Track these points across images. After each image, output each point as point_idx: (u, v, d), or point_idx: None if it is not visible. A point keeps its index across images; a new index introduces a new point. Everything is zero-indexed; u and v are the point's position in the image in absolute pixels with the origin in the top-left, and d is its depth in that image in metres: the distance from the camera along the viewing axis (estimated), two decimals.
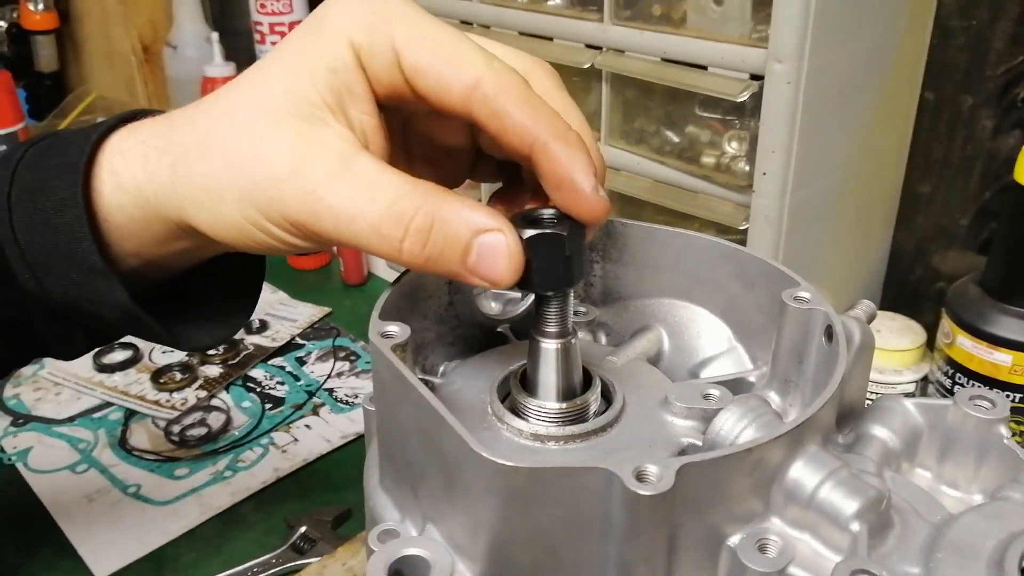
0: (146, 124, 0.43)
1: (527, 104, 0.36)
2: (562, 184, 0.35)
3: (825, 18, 0.66)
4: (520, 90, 0.36)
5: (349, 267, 1.20)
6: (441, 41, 0.36)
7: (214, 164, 0.39)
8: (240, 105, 0.39)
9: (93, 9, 1.65)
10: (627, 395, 0.38)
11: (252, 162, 0.37)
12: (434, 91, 0.36)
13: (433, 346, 0.43)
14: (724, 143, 0.75)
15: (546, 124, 0.35)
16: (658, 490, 0.27)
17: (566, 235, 0.35)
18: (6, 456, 0.88)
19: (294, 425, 0.92)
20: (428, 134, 0.42)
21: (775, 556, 0.29)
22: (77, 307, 0.44)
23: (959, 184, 0.89)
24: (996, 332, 0.70)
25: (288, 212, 0.37)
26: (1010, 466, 0.33)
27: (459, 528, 0.32)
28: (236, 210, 0.38)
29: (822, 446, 0.31)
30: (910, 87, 0.85)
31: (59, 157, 0.43)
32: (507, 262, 0.34)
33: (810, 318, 0.37)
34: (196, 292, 0.49)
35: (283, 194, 0.36)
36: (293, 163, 0.36)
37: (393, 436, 0.35)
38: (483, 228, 0.35)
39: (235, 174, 0.38)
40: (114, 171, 0.42)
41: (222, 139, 0.39)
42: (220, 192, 0.38)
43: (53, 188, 0.42)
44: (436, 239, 0.35)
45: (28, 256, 0.43)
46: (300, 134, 0.37)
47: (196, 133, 0.40)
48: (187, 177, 0.39)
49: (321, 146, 0.36)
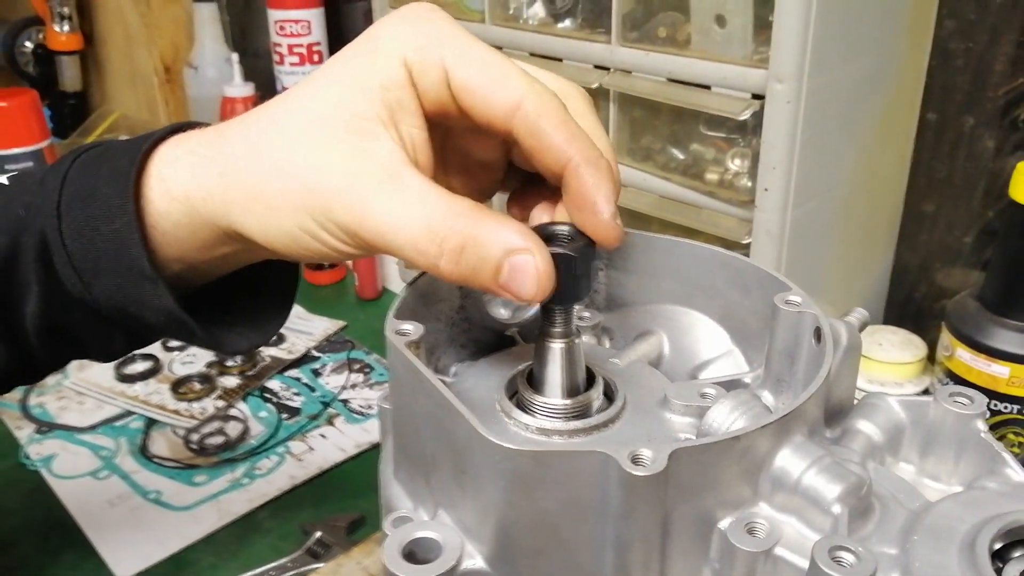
0: (194, 135, 0.45)
1: (564, 127, 0.38)
2: (584, 206, 0.38)
3: (823, 40, 0.68)
4: (558, 113, 0.38)
5: (364, 282, 1.22)
6: (488, 62, 0.39)
7: (266, 173, 0.40)
8: (291, 117, 0.41)
9: (117, 31, 1.69)
10: (628, 394, 0.40)
11: (306, 172, 0.39)
12: (480, 108, 0.39)
13: (445, 348, 0.45)
14: (727, 160, 0.77)
15: (580, 148, 0.38)
16: (651, 471, 0.29)
17: (577, 256, 0.37)
18: (31, 462, 0.91)
19: (310, 435, 0.94)
20: (465, 148, 0.44)
21: (763, 538, 0.31)
22: (122, 311, 0.46)
23: (962, 203, 0.91)
24: (994, 345, 0.72)
25: (341, 221, 0.39)
26: (987, 458, 0.35)
27: (468, 512, 0.34)
28: (289, 218, 0.40)
29: (808, 437, 0.33)
30: (910, 107, 0.87)
31: (109, 165, 0.44)
32: (535, 282, 0.36)
33: (800, 320, 0.39)
34: (234, 299, 0.51)
35: (336, 204, 0.38)
36: (346, 175, 0.38)
37: (407, 428, 0.37)
38: (514, 249, 0.36)
39: (289, 183, 0.40)
40: (163, 179, 0.44)
41: (274, 149, 0.40)
42: (272, 200, 0.40)
43: (103, 195, 0.44)
44: (469, 259, 0.37)
45: (76, 262, 0.45)
46: (352, 147, 0.39)
47: (247, 143, 0.41)
48: (237, 185, 0.41)
49: (372, 159, 0.38)
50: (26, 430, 0.96)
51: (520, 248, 0.36)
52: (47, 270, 0.46)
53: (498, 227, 0.37)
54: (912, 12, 0.80)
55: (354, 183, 0.38)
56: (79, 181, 0.45)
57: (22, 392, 1.03)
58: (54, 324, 0.48)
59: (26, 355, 0.50)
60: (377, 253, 0.42)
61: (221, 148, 0.42)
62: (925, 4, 0.83)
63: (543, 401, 0.39)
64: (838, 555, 0.28)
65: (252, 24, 1.61)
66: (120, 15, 1.65)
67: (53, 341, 0.49)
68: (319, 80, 0.41)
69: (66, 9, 1.69)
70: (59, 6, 1.69)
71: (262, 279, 0.51)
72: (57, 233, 0.45)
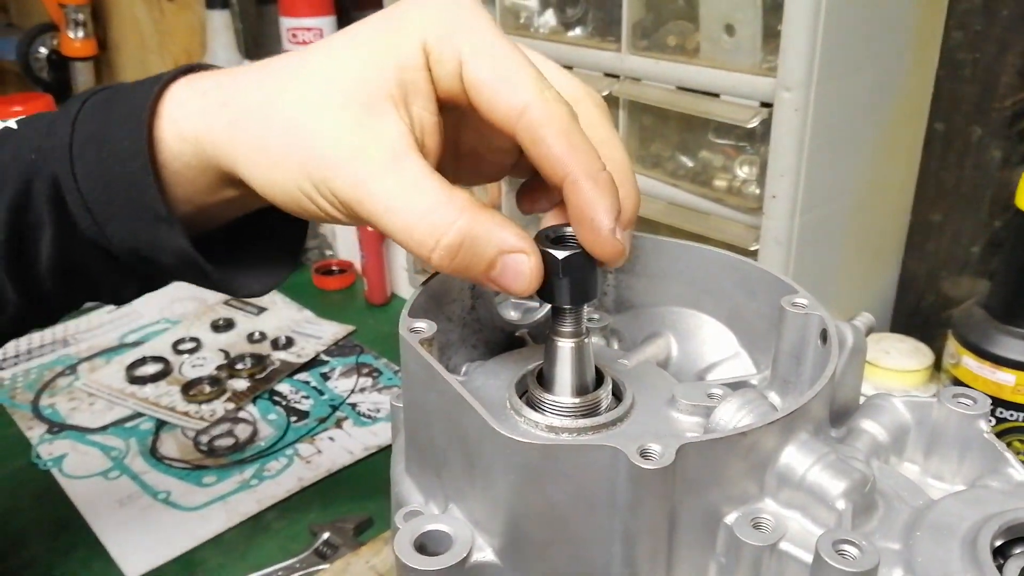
0: (207, 76, 0.45)
1: (566, 138, 0.37)
2: (583, 221, 0.37)
3: (831, 50, 0.69)
4: (563, 123, 0.38)
5: (373, 287, 1.23)
6: (502, 60, 0.38)
7: (274, 130, 0.40)
8: (307, 79, 0.41)
9: (131, 37, 1.71)
10: (636, 394, 0.41)
11: (313, 139, 0.39)
12: (486, 107, 0.39)
13: (456, 347, 0.46)
14: (736, 167, 0.78)
15: (581, 161, 0.37)
16: (659, 465, 0.30)
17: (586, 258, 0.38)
18: (42, 462, 0.92)
19: (318, 437, 0.95)
20: (479, 132, 0.44)
21: (768, 533, 0.32)
22: (135, 252, 0.46)
23: (970, 213, 0.91)
24: (1000, 353, 0.72)
25: (339, 193, 0.39)
26: (990, 458, 0.36)
27: (478, 506, 0.35)
28: (291, 178, 0.40)
29: (813, 435, 0.34)
30: (917, 117, 0.88)
31: (121, 108, 0.44)
32: (526, 280, 0.37)
33: (807, 322, 0.39)
34: (244, 244, 0.51)
35: (336, 175, 0.39)
36: (351, 149, 0.38)
37: (419, 423, 0.38)
38: (509, 248, 0.37)
39: (294, 146, 0.40)
40: (174, 120, 0.44)
41: (286, 106, 0.40)
42: (277, 157, 0.40)
43: (117, 137, 0.44)
44: (464, 255, 0.37)
45: (90, 203, 0.45)
46: (361, 122, 0.39)
47: (260, 95, 0.42)
48: (245, 135, 0.41)
49: (378, 137, 0.38)
50: (38, 430, 0.97)
51: (514, 248, 0.37)
52: (60, 212, 0.46)
53: (494, 226, 0.37)
54: (920, 23, 0.81)
55: (357, 159, 0.38)
56: (91, 123, 0.45)
57: (34, 393, 1.04)
58: (68, 266, 0.48)
59: (40, 297, 0.50)
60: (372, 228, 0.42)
61: (234, 95, 0.43)
62: (933, 15, 0.83)
63: (553, 399, 0.39)
64: (842, 548, 0.29)
65: (264, 32, 1.62)
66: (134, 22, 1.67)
67: (67, 283, 0.50)
68: (340, 48, 0.41)
69: (81, 16, 1.71)
70: (74, 12, 1.71)
71: (271, 225, 0.51)
72: (70, 175, 0.45)
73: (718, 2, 0.75)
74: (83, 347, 1.15)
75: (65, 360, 1.12)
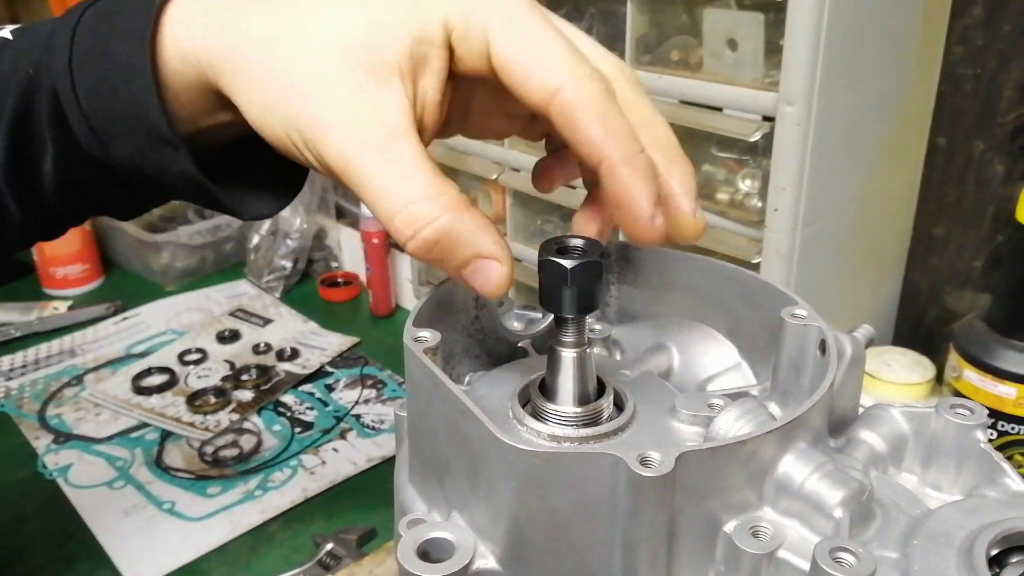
0: None
1: (603, 122, 0.36)
2: (621, 206, 0.37)
3: (833, 65, 0.69)
4: (600, 105, 0.36)
5: (378, 299, 1.24)
6: (533, 37, 0.37)
7: (274, 72, 0.39)
8: (316, 29, 0.39)
9: None
10: (638, 404, 0.41)
11: (310, 95, 0.38)
12: (517, 88, 0.37)
13: (460, 357, 0.46)
14: (738, 180, 0.79)
15: (617, 145, 0.36)
16: (659, 473, 0.30)
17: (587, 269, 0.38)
18: (48, 472, 0.92)
19: (322, 448, 0.96)
20: (497, 97, 0.43)
21: (767, 541, 0.32)
22: (140, 172, 0.45)
23: (972, 227, 0.92)
24: (1001, 366, 0.72)
25: (326, 157, 0.38)
26: (987, 468, 0.36)
27: (481, 514, 0.35)
28: (281, 126, 0.39)
29: (812, 444, 0.34)
30: (918, 132, 0.88)
31: (123, 23, 0.43)
32: (494, 285, 0.38)
33: (806, 333, 0.40)
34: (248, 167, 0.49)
35: (326, 139, 0.37)
36: (346, 116, 0.37)
37: (423, 431, 0.38)
38: (484, 254, 0.37)
39: (290, 97, 0.38)
40: (176, 39, 0.42)
41: (289, 50, 0.39)
42: (272, 100, 0.39)
43: (119, 55, 0.42)
44: (439, 251, 0.37)
45: (93, 123, 0.43)
46: (362, 88, 0.37)
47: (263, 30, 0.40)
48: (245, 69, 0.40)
49: (377, 109, 0.37)
50: (43, 440, 0.98)
51: (489, 254, 0.37)
52: (61, 129, 0.45)
53: (474, 230, 0.37)
54: (921, 38, 0.82)
55: (350, 128, 0.37)
56: (91, 38, 0.43)
57: (41, 403, 1.05)
58: (71, 183, 0.47)
59: (44, 212, 0.49)
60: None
61: (238, 23, 0.41)
62: (934, 30, 0.84)
63: (555, 409, 0.40)
64: (839, 556, 0.29)
65: None
66: None
67: (71, 198, 0.49)
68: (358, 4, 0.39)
69: None
70: None
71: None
72: (71, 93, 0.43)
73: (721, 17, 0.76)
74: (89, 358, 1.16)
75: (72, 371, 1.13)
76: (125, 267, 1.44)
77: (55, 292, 1.36)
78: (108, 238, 1.44)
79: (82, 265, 1.37)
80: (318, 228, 1.37)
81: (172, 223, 1.42)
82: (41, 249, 1.34)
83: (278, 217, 1.35)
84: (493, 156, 0.99)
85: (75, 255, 1.35)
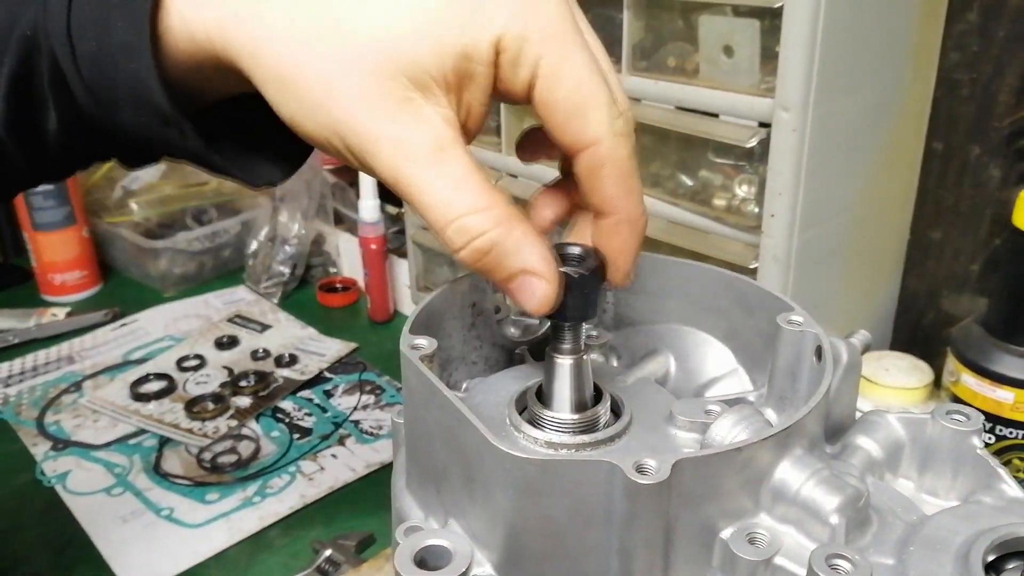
0: None
1: (624, 182, 0.39)
2: (609, 255, 0.40)
3: (829, 71, 0.70)
4: (626, 166, 0.38)
5: (376, 305, 1.24)
6: (580, 85, 0.37)
7: (309, 79, 0.37)
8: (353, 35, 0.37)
9: None
10: (635, 410, 0.42)
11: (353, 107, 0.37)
12: (552, 128, 0.38)
13: (457, 364, 0.46)
14: (735, 186, 0.79)
15: (629, 205, 0.39)
16: (655, 480, 0.30)
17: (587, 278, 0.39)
18: (46, 479, 0.92)
19: (321, 454, 0.95)
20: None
21: (763, 547, 0.32)
22: (147, 142, 0.44)
23: (969, 232, 0.92)
24: (998, 370, 0.72)
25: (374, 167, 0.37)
26: (983, 474, 0.36)
27: (477, 521, 0.35)
28: (320, 131, 0.38)
29: (808, 451, 0.34)
30: (915, 137, 0.88)
31: None
32: (538, 302, 0.38)
33: (802, 339, 0.40)
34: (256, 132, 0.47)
35: (374, 151, 0.37)
36: (395, 130, 0.37)
37: (420, 439, 0.38)
38: (532, 270, 0.38)
39: (330, 106, 0.37)
40: (184, 19, 0.40)
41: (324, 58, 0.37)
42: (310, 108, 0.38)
43: (119, 28, 0.40)
44: (488, 262, 0.37)
45: (95, 91, 0.42)
46: (408, 100, 0.36)
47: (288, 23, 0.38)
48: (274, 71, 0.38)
49: (425, 123, 0.37)
50: (42, 447, 0.98)
51: (537, 272, 0.38)
52: (63, 95, 0.43)
53: (525, 245, 0.37)
54: (916, 43, 0.82)
55: (401, 140, 0.37)
56: (88, 6, 0.41)
57: (39, 410, 1.05)
58: (75, 140, 0.46)
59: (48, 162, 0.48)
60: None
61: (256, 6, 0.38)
62: (929, 36, 0.84)
63: (552, 415, 0.40)
64: (835, 562, 0.29)
65: None
66: None
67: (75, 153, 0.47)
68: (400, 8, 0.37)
69: None
70: None
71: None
72: (71, 63, 0.41)
73: (717, 24, 0.76)
74: (88, 364, 1.16)
75: (70, 377, 1.13)
76: (123, 273, 1.44)
77: (53, 299, 1.36)
78: (106, 244, 1.44)
79: (80, 272, 1.37)
80: (316, 234, 1.37)
81: (170, 229, 1.42)
82: (40, 256, 1.34)
83: (276, 223, 1.35)
84: (490, 162, 0.99)
85: (73, 262, 1.35)
